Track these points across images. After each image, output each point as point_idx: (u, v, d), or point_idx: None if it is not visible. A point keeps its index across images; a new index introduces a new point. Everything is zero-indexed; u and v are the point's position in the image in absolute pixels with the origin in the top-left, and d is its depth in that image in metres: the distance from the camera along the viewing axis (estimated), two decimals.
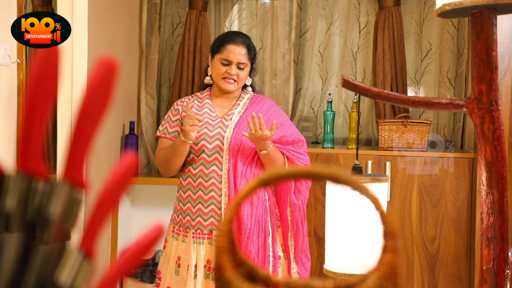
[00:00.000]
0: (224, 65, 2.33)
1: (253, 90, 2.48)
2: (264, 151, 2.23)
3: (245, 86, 2.44)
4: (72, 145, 0.43)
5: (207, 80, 2.42)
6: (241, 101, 2.41)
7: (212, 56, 2.39)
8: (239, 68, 2.33)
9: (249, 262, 0.59)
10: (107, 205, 0.44)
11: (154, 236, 0.45)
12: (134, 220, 3.55)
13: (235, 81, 2.34)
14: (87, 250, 0.44)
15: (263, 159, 2.27)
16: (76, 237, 0.44)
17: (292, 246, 2.35)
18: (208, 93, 2.44)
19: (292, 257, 2.35)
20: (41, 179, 0.42)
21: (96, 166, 2.80)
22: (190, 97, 2.46)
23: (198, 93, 2.47)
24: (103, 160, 2.94)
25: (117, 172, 0.45)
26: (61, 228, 0.42)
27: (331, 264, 1.24)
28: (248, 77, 2.42)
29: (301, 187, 2.34)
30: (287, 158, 2.32)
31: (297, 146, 2.36)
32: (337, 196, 1.24)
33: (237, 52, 2.32)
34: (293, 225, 2.35)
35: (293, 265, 2.35)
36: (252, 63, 2.39)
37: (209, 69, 2.42)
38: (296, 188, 2.34)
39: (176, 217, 2.35)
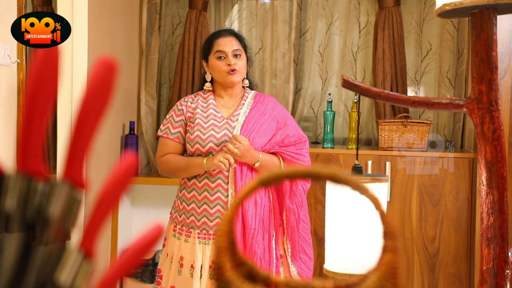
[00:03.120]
0: (221, 59, 2.31)
1: (250, 83, 2.45)
2: (257, 163, 2.24)
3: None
4: (72, 145, 0.43)
5: (207, 86, 2.40)
6: (245, 100, 2.38)
7: (206, 60, 2.37)
8: (235, 57, 2.32)
9: (249, 262, 0.58)
10: (107, 205, 0.44)
11: (154, 236, 0.45)
12: (134, 220, 3.55)
13: (236, 70, 2.30)
14: (87, 250, 0.44)
15: (260, 170, 2.27)
16: (76, 237, 0.44)
17: (289, 250, 2.33)
18: (211, 93, 2.41)
19: (289, 260, 2.33)
20: (41, 179, 0.42)
21: (96, 166, 2.80)
22: (193, 96, 2.42)
23: (200, 92, 2.42)
24: (103, 160, 2.94)
25: (117, 172, 0.45)
26: (61, 228, 0.42)
27: (331, 264, 1.24)
28: None
29: (296, 191, 2.31)
30: (284, 160, 2.31)
31: (299, 146, 2.35)
32: (337, 196, 1.24)
33: (227, 41, 2.33)
34: (288, 229, 2.33)
35: (292, 268, 2.33)
36: (246, 52, 2.38)
37: (206, 75, 2.39)
38: (291, 192, 2.31)
39: (178, 217, 2.32)
